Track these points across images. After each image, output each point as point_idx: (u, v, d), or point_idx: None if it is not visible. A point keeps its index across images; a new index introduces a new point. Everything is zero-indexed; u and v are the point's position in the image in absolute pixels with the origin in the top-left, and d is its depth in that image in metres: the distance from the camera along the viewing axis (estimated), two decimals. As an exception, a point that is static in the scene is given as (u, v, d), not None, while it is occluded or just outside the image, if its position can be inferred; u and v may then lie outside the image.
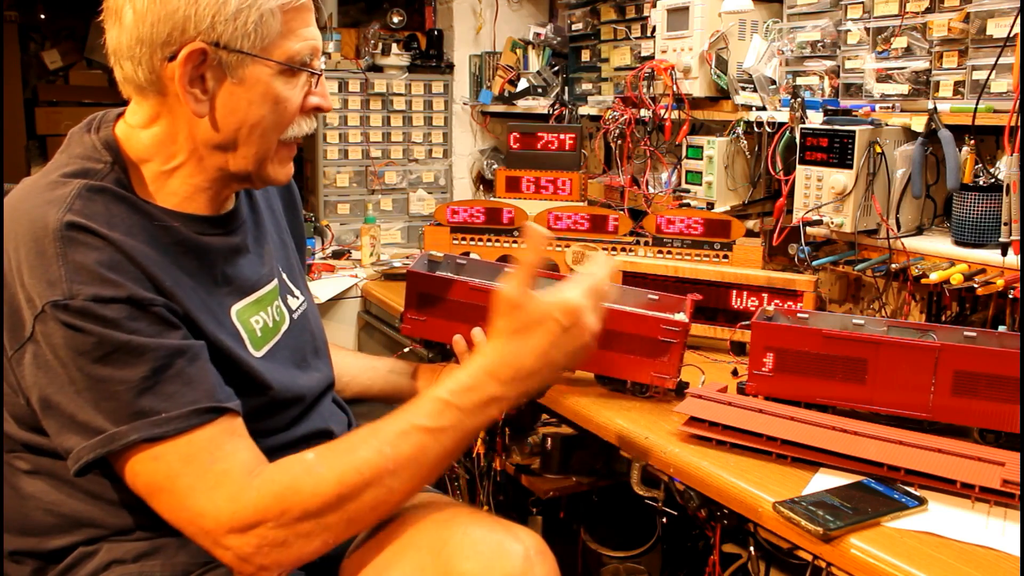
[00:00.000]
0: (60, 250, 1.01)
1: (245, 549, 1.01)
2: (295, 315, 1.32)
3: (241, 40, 1.07)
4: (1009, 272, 1.55)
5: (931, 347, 1.34)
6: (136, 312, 1.03)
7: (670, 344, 1.49)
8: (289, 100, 1.13)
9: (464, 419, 1.06)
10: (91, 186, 1.07)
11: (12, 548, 1.17)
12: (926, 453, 1.23)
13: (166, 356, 1.03)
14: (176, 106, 1.11)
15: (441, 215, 2.17)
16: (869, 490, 1.18)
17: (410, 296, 1.59)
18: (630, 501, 1.57)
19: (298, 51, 1.12)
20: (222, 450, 1.04)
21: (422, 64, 3.31)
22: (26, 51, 5.65)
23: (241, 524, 1.01)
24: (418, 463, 1.05)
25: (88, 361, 1.00)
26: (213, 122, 1.11)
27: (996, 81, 1.63)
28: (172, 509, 1.04)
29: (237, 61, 1.08)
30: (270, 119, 1.13)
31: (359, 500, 1.03)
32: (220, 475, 1.02)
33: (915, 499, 1.15)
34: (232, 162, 1.14)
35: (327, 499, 1.02)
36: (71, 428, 1.02)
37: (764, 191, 2.22)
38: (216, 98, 1.10)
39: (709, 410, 1.36)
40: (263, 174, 1.17)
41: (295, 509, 1.01)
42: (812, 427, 1.31)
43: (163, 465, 1.02)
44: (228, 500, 1.01)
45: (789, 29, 2.10)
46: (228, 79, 1.09)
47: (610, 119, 2.45)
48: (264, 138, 1.14)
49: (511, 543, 1.05)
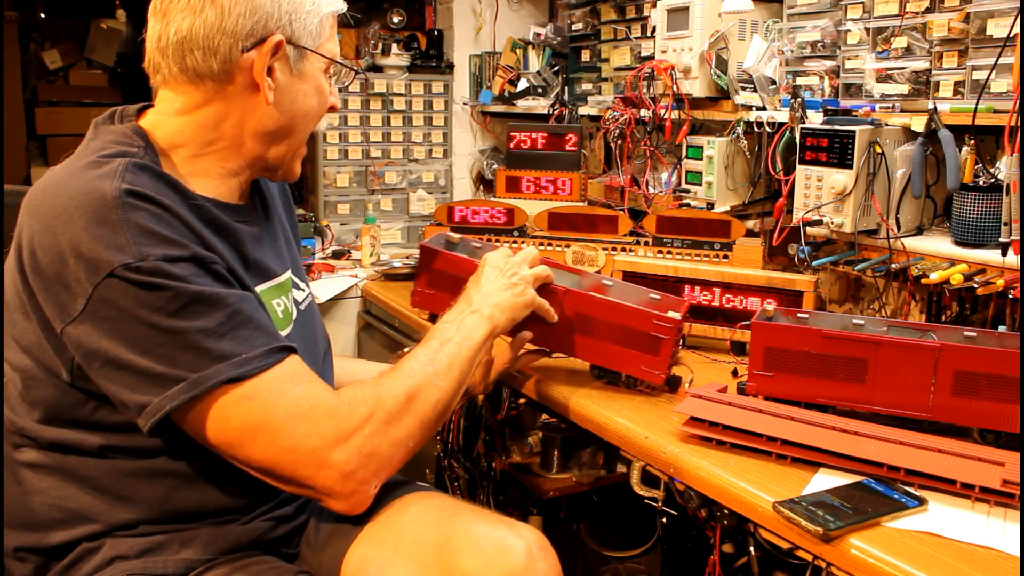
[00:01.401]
0: (123, 216, 1.05)
1: (349, 464, 1.10)
2: (301, 307, 1.37)
3: (306, 37, 1.21)
4: (1009, 272, 1.55)
5: (931, 347, 1.33)
6: (201, 269, 1.09)
7: (661, 340, 1.51)
8: (327, 96, 1.28)
9: (463, 330, 1.31)
10: (135, 163, 1.12)
11: (15, 544, 1.17)
12: (926, 453, 1.23)
13: (236, 304, 1.09)
14: (234, 94, 1.19)
15: (441, 215, 2.17)
16: (869, 490, 1.18)
17: (422, 270, 1.67)
18: (630, 501, 1.57)
19: (335, 52, 1.28)
20: (303, 380, 1.12)
21: (422, 64, 3.31)
22: (26, 51, 5.65)
23: (343, 435, 1.10)
24: (449, 364, 1.26)
25: (164, 316, 1.04)
26: (272, 110, 1.21)
27: (996, 81, 1.63)
28: (272, 443, 1.08)
29: (300, 55, 1.22)
30: (315, 111, 1.27)
31: (422, 400, 1.19)
32: (311, 399, 1.11)
33: (915, 499, 1.15)
34: (273, 151, 1.25)
35: (400, 401, 1.16)
36: (147, 382, 1.05)
37: (764, 191, 2.22)
38: (279, 88, 1.21)
39: (709, 410, 1.36)
40: (290, 165, 1.30)
41: (380, 413, 1.14)
42: (812, 427, 1.31)
43: (258, 403, 1.07)
44: (327, 416, 1.10)
45: (789, 29, 2.10)
46: (291, 71, 1.22)
47: (610, 119, 2.45)
48: (307, 129, 1.28)
49: (513, 539, 1.06)
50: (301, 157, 1.32)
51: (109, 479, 1.14)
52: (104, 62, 6.01)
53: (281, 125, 1.23)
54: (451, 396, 1.25)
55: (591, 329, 1.56)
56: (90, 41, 5.95)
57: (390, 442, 1.15)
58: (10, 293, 1.14)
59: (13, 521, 1.17)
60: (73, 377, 1.10)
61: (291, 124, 1.24)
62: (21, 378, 1.15)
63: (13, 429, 1.17)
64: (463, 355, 1.29)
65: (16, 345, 1.15)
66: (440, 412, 1.23)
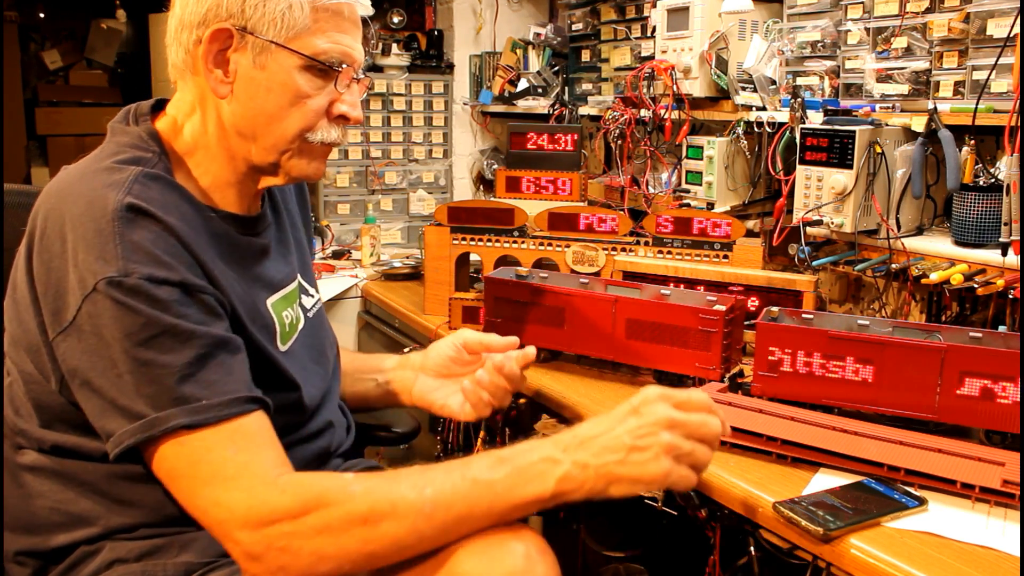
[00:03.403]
0: (118, 229, 1.03)
1: (255, 548, 0.99)
2: (310, 314, 1.34)
3: (267, 27, 1.12)
4: (1009, 272, 1.55)
5: (938, 348, 1.33)
6: (186, 298, 1.04)
7: (710, 334, 1.53)
8: (312, 99, 1.16)
9: (516, 478, 1.01)
10: (147, 173, 1.10)
11: (16, 548, 1.17)
12: (926, 453, 1.23)
13: (211, 344, 1.05)
14: (207, 90, 1.15)
15: (441, 215, 2.17)
16: (869, 490, 1.18)
17: (488, 301, 1.76)
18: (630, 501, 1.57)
19: (325, 51, 1.14)
20: (247, 443, 1.03)
21: (422, 64, 3.31)
22: (26, 51, 5.65)
23: (255, 520, 0.99)
24: (456, 512, 1.00)
25: (134, 343, 1.01)
26: (235, 106, 1.15)
27: (996, 81, 1.63)
28: (189, 497, 1.04)
29: (262, 47, 1.12)
30: (289, 112, 1.15)
31: (382, 531, 0.98)
32: (240, 467, 1.01)
33: (915, 499, 1.15)
34: (255, 153, 1.17)
35: (351, 518, 0.98)
36: (113, 412, 1.03)
37: (764, 191, 2.22)
38: (238, 81, 1.14)
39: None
40: (288, 168, 1.20)
41: (316, 519, 0.98)
42: (812, 427, 1.31)
43: (188, 452, 1.02)
44: (247, 491, 1.00)
45: (789, 29, 2.10)
46: (251, 64, 1.13)
47: (610, 119, 2.45)
48: (283, 131, 1.16)
49: (512, 541, 1.05)
50: (312, 156, 1.20)
51: (108, 483, 1.13)
52: (104, 62, 6.02)
53: (247, 122, 1.15)
54: (432, 545, 1.01)
55: (644, 335, 1.60)
56: (90, 41, 5.96)
57: (313, 551, 0.98)
58: (20, 292, 1.12)
59: (14, 524, 1.17)
60: (60, 387, 1.09)
61: (255, 122, 1.15)
62: (24, 380, 1.14)
63: (15, 431, 1.16)
64: (490, 508, 1.01)
65: (20, 346, 1.14)
66: (404, 555, 1.01)
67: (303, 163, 1.20)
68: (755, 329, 1.47)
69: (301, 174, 1.21)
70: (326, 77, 1.17)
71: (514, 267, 1.82)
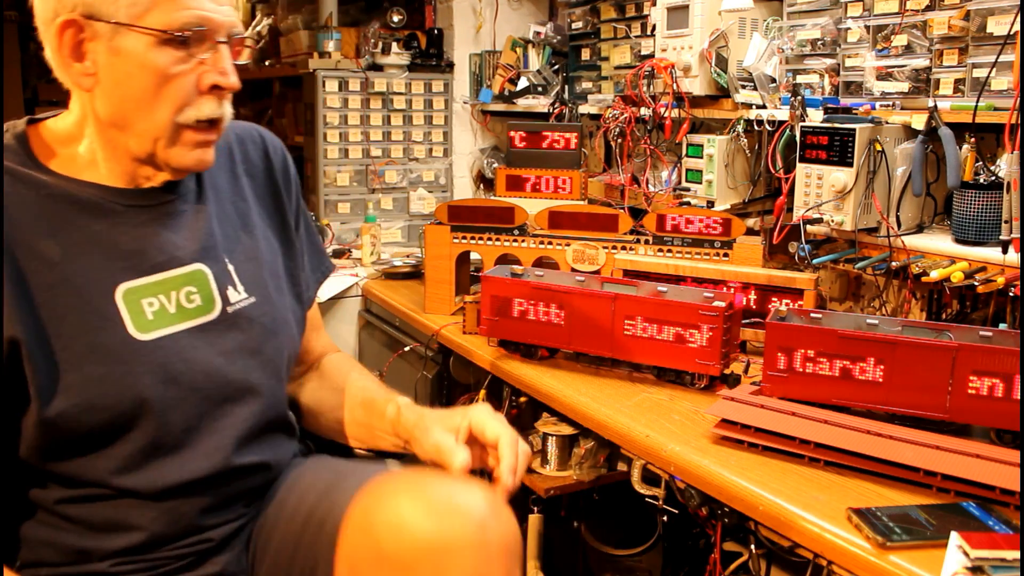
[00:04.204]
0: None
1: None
2: (231, 308, 1.22)
3: (111, 9, 1.06)
4: (1009, 270, 1.55)
5: (949, 347, 1.32)
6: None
7: (710, 330, 1.54)
8: (178, 76, 1.10)
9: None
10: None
11: None
12: (964, 459, 1.20)
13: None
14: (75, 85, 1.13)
15: (441, 214, 2.17)
16: (963, 513, 1.11)
17: (485, 299, 1.78)
18: (631, 499, 1.57)
19: (179, 20, 1.08)
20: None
21: (422, 63, 3.31)
22: (26, 51, 5.65)
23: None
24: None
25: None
26: (103, 97, 1.11)
27: (996, 79, 1.63)
28: None
29: (112, 31, 1.07)
30: (158, 95, 1.10)
31: None
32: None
33: (1010, 527, 1.06)
34: (132, 143, 1.13)
35: None
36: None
37: (764, 189, 2.22)
38: (100, 71, 1.10)
39: (741, 412, 1.36)
40: (167, 158, 1.14)
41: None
42: (844, 431, 1.29)
43: None
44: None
45: (789, 27, 2.10)
46: (107, 51, 1.08)
47: (610, 118, 2.45)
48: (153, 116, 1.11)
49: (464, 495, 1.04)
50: (189, 145, 1.14)
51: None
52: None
53: (118, 111, 1.11)
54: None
55: (643, 332, 1.61)
56: (90, 41, 5.95)
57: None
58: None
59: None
60: None
61: (124, 109, 1.11)
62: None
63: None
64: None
65: None
66: None
67: (183, 152, 1.14)
68: (764, 328, 1.47)
69: (181, 164, 1.15)
70: (186, 47, 1.10)
71: (510, 265, 1.82)
